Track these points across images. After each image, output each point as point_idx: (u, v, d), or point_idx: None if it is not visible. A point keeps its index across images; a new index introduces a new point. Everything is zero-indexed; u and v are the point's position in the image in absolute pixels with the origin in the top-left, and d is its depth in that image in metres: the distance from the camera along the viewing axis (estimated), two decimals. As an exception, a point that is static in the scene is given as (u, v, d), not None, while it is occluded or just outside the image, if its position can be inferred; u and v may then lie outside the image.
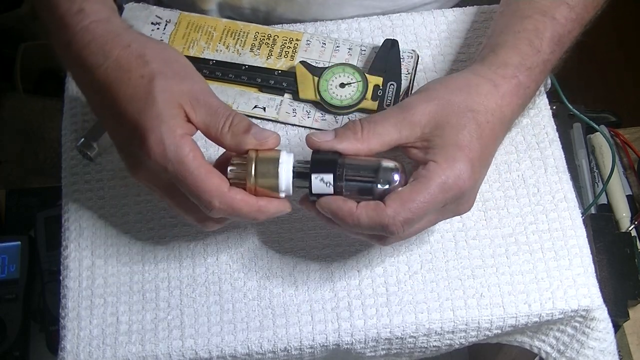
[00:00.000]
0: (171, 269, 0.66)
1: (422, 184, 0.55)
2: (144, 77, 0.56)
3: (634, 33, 1.80)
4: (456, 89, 0.58)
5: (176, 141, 0.54)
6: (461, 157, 0.55)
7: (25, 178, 1.38)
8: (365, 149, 0.56)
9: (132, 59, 0.57)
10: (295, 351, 0.64)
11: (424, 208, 0.55)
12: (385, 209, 0.54)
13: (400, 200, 0.54)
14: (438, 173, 0.55)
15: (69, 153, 0.71)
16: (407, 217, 0.54)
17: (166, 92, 0.55)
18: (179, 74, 0.57)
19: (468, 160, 0.56)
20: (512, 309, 0.64)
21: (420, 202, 0.54)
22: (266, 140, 0.56)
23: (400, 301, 0.65)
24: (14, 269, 1.02)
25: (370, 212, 0.55)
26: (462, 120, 0.57)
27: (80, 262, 0.67)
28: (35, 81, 1.54)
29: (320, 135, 0.57)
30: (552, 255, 0.66)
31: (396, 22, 0.77)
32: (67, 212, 0.69)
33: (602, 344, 0.68)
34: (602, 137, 1.02)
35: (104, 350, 0.63)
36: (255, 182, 0.56)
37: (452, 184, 0.55)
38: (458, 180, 0.55)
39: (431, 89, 0.59)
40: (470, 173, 0.56)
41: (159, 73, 0.56)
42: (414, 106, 0.57)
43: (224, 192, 0.55)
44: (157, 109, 0.55)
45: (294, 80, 0.71)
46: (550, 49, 0.62)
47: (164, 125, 0.54)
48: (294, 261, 0.67)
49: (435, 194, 0.55)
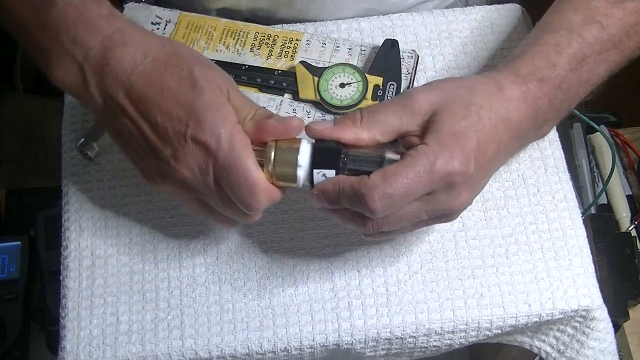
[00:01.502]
0: (171, 269, 0.66)
1: (407, 162, 0.53)
2: (184, 69, 0.56)
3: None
4: (461, 84, 0.57)
5: (230, 130, 0.54)
6: (456, 144, 0.53)
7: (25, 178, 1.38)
8: (365, 137, 0.55)
9: (169, 55, 0.57)
10: (295, 351, 0.64)
11: (406, 186, 0.52)
12: (366, 183, 0.53)
13: (382, 174, 0.53)
14: (426, 153, 0.53)
15: (69, 153, 0.72)
16: (387, 192, 0.52)
17: (209, 80, 0.55)
18: (210, 64, 0.58)
19: (461, 148, 0.53)
20: (512, 309, 0.64)
21: (403, 178, 0.52)
22: (289, 123, 0.55)
23: (400, 301, 0.65)
24: (14, 269, 1.02)
25: (354, 182, 0.53)
26: (463, 111, 0.55)
27: (80, 262, 0.67)
28: (35, 81, 1.54)
29: (320, 124, 0.56)
30: (552, 255, 0.66)
31: (396, 22, 0.77)
32: (67, 212, 0.69)
33: (602, 344, 0.68)
34: (602, 137, 1.02)
35: (104, 350, 0.63)
36: (273, 169, 0.56)
37: (439, 169, 0.52)
38: (447, 164, 0.52)
39: (436, 82, 0.58)
40: (463, 161, 0.53)
41: (196, 64, 0.56)
42: (415, 94, 0.56)
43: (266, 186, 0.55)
44: (206, 98, 0.55)
45: (294, 80, 0.71)
46: (569, 66, 0.60)
47: (217, 114, 0.54)
48: (294, 261, 0.67)
49: (420, 174, 0.52)
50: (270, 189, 0.56)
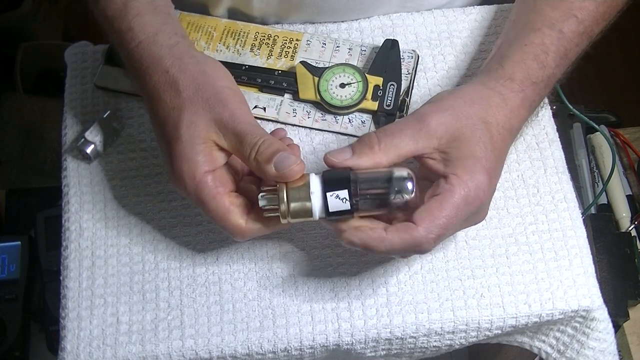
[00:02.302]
0: (171, 269, 0.66)
1: (448, 198, 0.56)
2: (175, 109, 0.59)
3: (634, 33, 1.80)
4: (469, 101, 0.60)
5: (195, 182, 0.57)
6: (480, 169, 0.57)
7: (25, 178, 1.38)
8: (384, 162, 0.57)
9: (167, 87, 0.59)
10: (296, 351, 0.64)
11: (451, 222, 0.56)
12: (417, 229, 0.55)
13: (430, 218, 0.55)
14: (461, 186, 0.56)
15: (69, 153, 0.72)
16: (439, 234, 0.55)
17: (192, 127, 0.58)
18: (209, 100, 0.59)
19: (486, 172, 0.57)
20: (512, 309, 0.64)
21: (447, 217, 0.55)
22: (288, 172, 0.56)
23: (400, 301, 0.65)
24: (14, 269, 1.02)
25: (403, 234, 0.55)
26: (477, 132, 0.58)
27: (80, 262, 0.67)
28: (35, 81, 1.54)
29: (338, 155, 0.57)
30: (552, 255, 0.66)
31: (396, 22, 0.77)
32: (67, 212, 0.69)
33: (602, 344, 0.68)
34: (602, 137, 1.02)
35: (104, 351, 0.63)
36: (288, 208, 0.57)
37: (474, 196, 0.56)
38: (478, 191, 0.57)
39: (444, 99, 0.60)
40: (489, 183, 0.57)
41: (189, 104, 0.58)
42: (428, 117, 0.58)
43: (243, 229, 0.58)
44: (182, 146, 0.58)
45: (294, 81, 0.71)
46: (555, 63, 0.63)
47: (185, 165, 0.58)
48: (294, 261, 0.67)
49: (461, 207, 0.56)
50: (248, 230, 0.59)
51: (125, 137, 0.72)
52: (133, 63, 0.62)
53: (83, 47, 0.77)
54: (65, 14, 1.75)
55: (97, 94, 0.74)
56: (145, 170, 0.70)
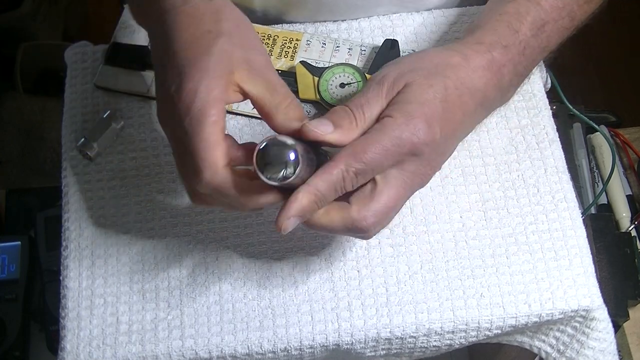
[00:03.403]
0: (171, 269, 0.66)
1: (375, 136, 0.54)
2: (212, 32, 0.55)
3: (634, 33, 1.80)
4: (426, 57, 0.59)
5: (209, 99, 0.53)
6: (419, 113, 0.55)
7: (25, 178, 1.38)
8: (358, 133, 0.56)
9: (208, 11, 0.56)
10: (295, 351, 0.64)
11: (376, 160, 0.54)
12: (337, 161, 0.54)
13: (351, 151, 0.54)
14: (392, 127, 0.54)
15: (69, 153, 0.72)
16: (359, 168, 0.54)
17: (225, 53, 0.55)
18: (247, 42, 0.57)
19: (424, 117, 0.55)
20: (512, 309, 0.64)
21: (371, 153, 0.53)
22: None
23: (400, 301, 0.65)
24: (14, 269, 1.02)
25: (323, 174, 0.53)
26: (429, 80, 0.56)
27: (80, 262, 0.67)
28: (35, 81, 1.55)
29: (320, 127, 0.55)
30: (552, 255, 0.66)
31: (396, 22, 0.77)
32: (67, 212, 0.69)
33: (602, 344, 0.68)
34: (602, 137, 1.02)
35: (104, 350, 0.63)
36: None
37: (405, 141, 0.54)
38: (412, 136, 0.54)
39: (402, 61, 0.59)
40: (427, 129, 0.55)
41: (227, 33, 0.56)
42: (384, 78, 0.57)
43: (218, 168, 0.53)
44: (208, 64, 0.54)
45: (294, 80, 0.71)
46: (531, 32, 0.62)
47: (205, 80, 0.53)
48: (294, 261, 0.67)
49: (387, 148, 0.54)
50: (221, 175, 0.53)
51: (125, 137, 0.72)
52: None
53: (83, 47, 0.77)
54: (65, 14, 1.75)
55: (97, 94, 0.74)
56: (145, 170, 0.70)
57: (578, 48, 0.67)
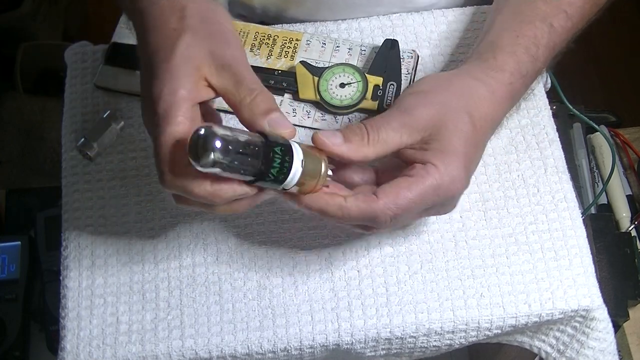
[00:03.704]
0: (171, 269, 0.66)
1: (419, 183, 0.55)
2: (176, 30, 0.55)
3: (634, 33, 1.80)
4: (456, 93, 0.59)
5: (173, 100, 0.53)
6: (458, 164, 0.57)
7: (25, 178, 1.38)
8: (370, 155, 0.56)
9: (172, 11, 0.56)
10: (295, 351, 0.64)
11: (413, 207, 0.56)
12: (377, 201, 0.55)
13: (394, 195, 0.55)
14: (435, 176, 0.56)
15: (69, 153, 0.72)
16: (396, 213, 0.55)
17: (188, 50, 0.55)
18: (213, 35, 0.56)
19: (464, 167, 0.57)
20: (512, 309, 0.64)
21: (411, 200, 0.55)
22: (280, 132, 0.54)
23: (400, 301, 0.65)
24: (14, 269, 1.02)
25: (361, 204, 0.55)
26: (459, 124, 0.57)
27: (80, 262, 0.67)
28: (35, 81, 1.55)
29: (330, 138, 0.56)
30: (552, 255, 0.66)
31: (396, 22, 0.77)
32: (67, 212, 0.69)
33: (602, 344, 0.68)
34: (602, 137, 1.02)
35: (104, 350, 0.63)
36: None
37: (445, 189, 0.56)
38: (451, 185, 0.56)
39: (431, 92, 0.59)
40: (464, 179, 0.57)
41: (191, 30, 0.55)
42: (414, 111, 0.58)
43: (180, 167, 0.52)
44: (172, 64, 0.54)
45: (294, 80, 0.71)
46: (544, 57, 0.64)
47: (170, 82, 0.53)
48: (294, 261, 0.67)
49: (428, 195, 0.56)
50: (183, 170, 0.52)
51: (125, 137, 0.72)
52: None
53: (83, 47, 0.77)
54: (65, 14, 1.75)
55: (97, 94, 0.74)
56: (145, 170, 0.70)
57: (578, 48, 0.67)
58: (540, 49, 0.63)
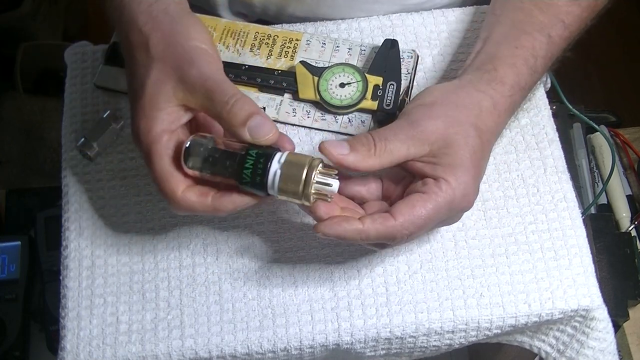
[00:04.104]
0: (171, 269, 0.66)
1: (432, 200, 0.56)
2: (144, 66, 0.58)
3: (634, 33, 1.80)
4: (461, 106, 0.60)
5: (149, 138, 0.56)
6: (469, 178, 0.57)
7: (25, 178, 1.38)
8: (376, 166, 0.57)
9: (140, 45, 0.59)
10: (295, 351, 0.64)
11: (429, 223, 0.57)
12: (394, 222, 0.55)
13: (410, 214, 0.55)
14: (448, 192, 0.56)
15: (69, 153, 0.72)
16: (413, 231, 0.56)
17: (157, 85, 0.57)
18: (178, 59, 0.57)
19: (473, 181, 0.58)
20: (512, 309, 0.64)
21: (427, 217, 0.56)
22: (264, 141, 0.56)
23: (400, 301, 0.65)
24: (14, 269, 1.02)
25: (378, 226, 0.55)
26: (468, 139, 0.58)
27: (80, 262, 0.67)
28: (35, 81, 1.55)
29: (336, 149, 0.56)
30: (552, 255, 0.66)
31: (396, 22, 0.77)
32: (67, 212, 0.69)
33: (602, 344, 0.68)
34: (602, 137, 1.02)
35: (104, 350, 0.63)
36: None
37: (458, 203, 0.57)
38: (463, 200, 0.57)
39: (437, 104, 0.60)
40: (474, 193, 0.58)
41: (157, 60, 0.57)
42: (421, 123, 0.58)
43: (176, 196, 0.57)
44: (144, 102, 0.57)
45: (294, 80, 0.71)
46: (542, 69, 0.64)
47: (143, 120, 0.57)
48: (294, 261, 0.67)
49: (442, 211, 0.57)
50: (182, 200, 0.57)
51: (125, 137, 0.72)
52: (117, 23, 0.61)
53: (83, 47, 0.77)
54: (65, 14, 1.75)
55: (97, 94, 0.74)
56: (145, 170, 0.70)
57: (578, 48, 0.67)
58: (538, 60, 0.63)
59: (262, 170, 0.55)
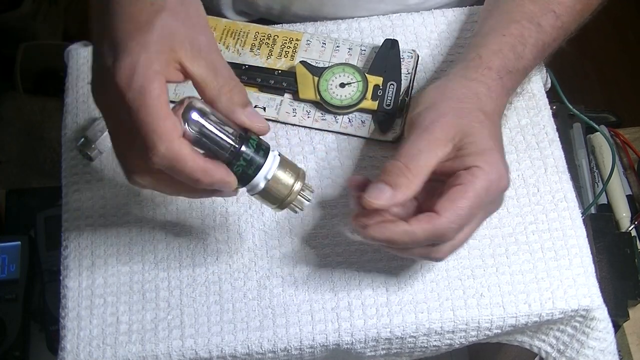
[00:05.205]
0: (171, 269, 0.66)
1: (470, 187, 0.56)
2: (154, 5, 0.52)
3: (634, 33, 1.80)
4: (461, 97, 0.60)
5: (148, 73, 0.50)
6: (498, 159, 0.58)
7: (25, 178, 1.38)
8: (419, 185, 0.56)
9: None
10: (296, 351, 0.64)
11: (473, 212, 0.56)
12: (440, 218, 0.55)
13: (452, 207, 0.55)
14: (483, 177, 0.56)
15: (69, 153, 0.72)
16: (461, 223, 0.56)
17: (167, 29, 0.52)
18: (191, 19, 0.54)
19: (503, 160, 0.58)
20: (512, 309, 0.64)
21: (470, 206, 0.56)
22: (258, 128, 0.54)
23: (400, 301, 0.65)
24: (14, 269, 1.02)
25: (425, 225, 0.55)
26: (482, 123, 0.59)
27: (80, 262, 0.67)
28: (35, 81, 1.55)
29: (380, 196, 0.56)
30: (552, 255, 0.66)
31: (396, 22, 0.77)
32: (67, 212, 0.69)
33: (602, 344, 0.68)
34: (602, 137, 1.02)
35: (104, 350, 0.63)
36: None
37: (495, 186, 0.57)
38: (500, 181, 0.57)
39: (437, 102, 0.60)
40: (506, 172, 0.58)
41: (170, 9, 0.53)
42: (435, 125, 0.58)
43: (174, 139, 0.50)
44: (148, 38, 0.51)
45: (294, 80, 0.71)
46: (532, 55, 0.64)
47: (144, 54, 0.50)
48: (294, 261, 0.67)
49: (482, 196, 0.56)
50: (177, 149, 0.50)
51: (125, 137, 0.72)
52: None
53: (83, 47, 0.77)
54: (65, 14, 1.75)
55: (97, 93, 0.74)
56: (145, 170, 0.70)
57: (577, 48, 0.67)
58: (527, 47, 0.64)
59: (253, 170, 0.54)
